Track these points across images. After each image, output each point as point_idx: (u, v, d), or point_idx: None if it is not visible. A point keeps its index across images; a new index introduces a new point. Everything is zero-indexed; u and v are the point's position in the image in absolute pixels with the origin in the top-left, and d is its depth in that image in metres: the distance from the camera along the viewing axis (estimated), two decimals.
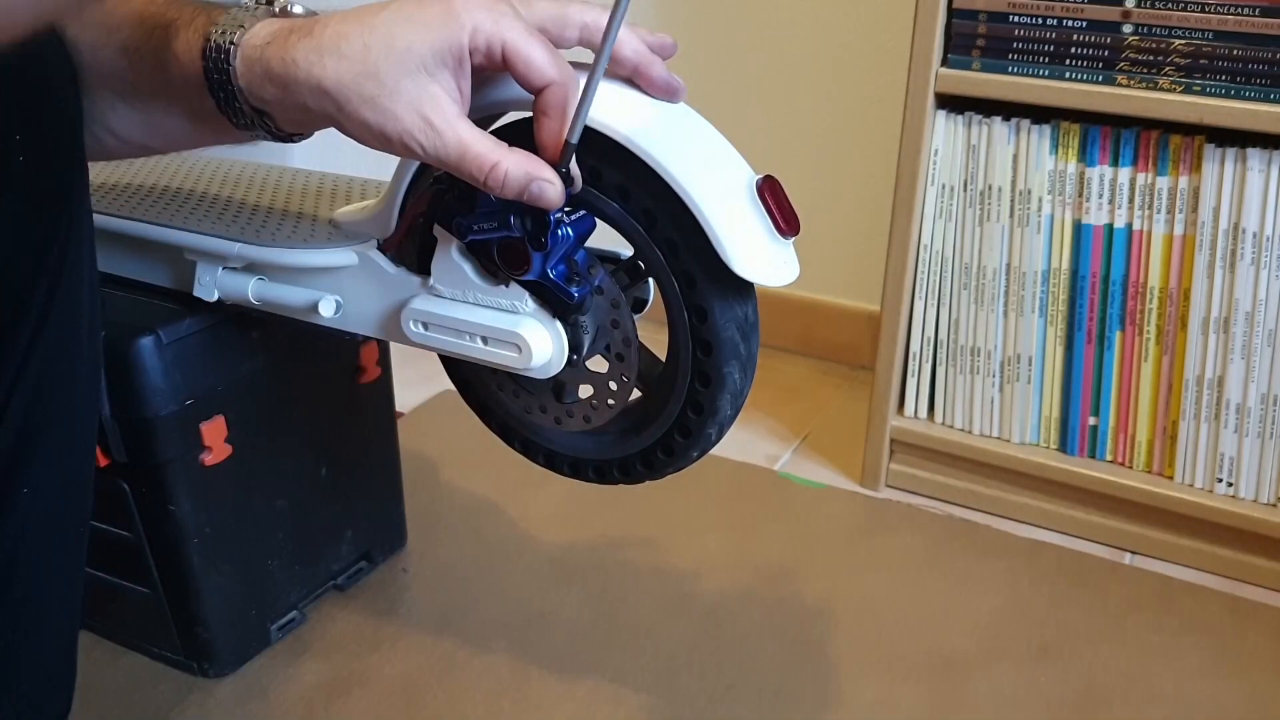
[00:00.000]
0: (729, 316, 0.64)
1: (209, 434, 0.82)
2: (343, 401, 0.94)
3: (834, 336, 1.50)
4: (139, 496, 0.82)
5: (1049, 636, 0.95)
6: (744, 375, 0.67)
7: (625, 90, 0.62)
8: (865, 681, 0.90)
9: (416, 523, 1.06)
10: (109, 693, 0.87)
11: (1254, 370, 1.00)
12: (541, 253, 0.63)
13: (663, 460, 0.71)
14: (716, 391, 0.66)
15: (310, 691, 0.87)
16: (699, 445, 0.69)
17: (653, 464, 0.71)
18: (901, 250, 1.09)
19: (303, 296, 0.74)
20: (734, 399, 0.67)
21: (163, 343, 0.78)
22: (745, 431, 1.30)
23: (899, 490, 1.19)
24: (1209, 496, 1.05)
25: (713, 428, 0.68)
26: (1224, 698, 0.89)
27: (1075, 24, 0.99)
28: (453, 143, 0.56)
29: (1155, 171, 1.00)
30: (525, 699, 0.87)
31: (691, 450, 0.69)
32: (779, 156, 1.45)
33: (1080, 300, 1.06)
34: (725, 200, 0.60)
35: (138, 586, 0.87)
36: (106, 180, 0.87)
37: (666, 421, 0.69)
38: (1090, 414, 1.09)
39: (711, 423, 0.68)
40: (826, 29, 1.39)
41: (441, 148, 0.56)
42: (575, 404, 0.71)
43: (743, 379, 0.67)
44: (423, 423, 1.28)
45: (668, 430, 0.69)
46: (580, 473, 0.75)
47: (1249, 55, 0.94)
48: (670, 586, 1.01)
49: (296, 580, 0.93)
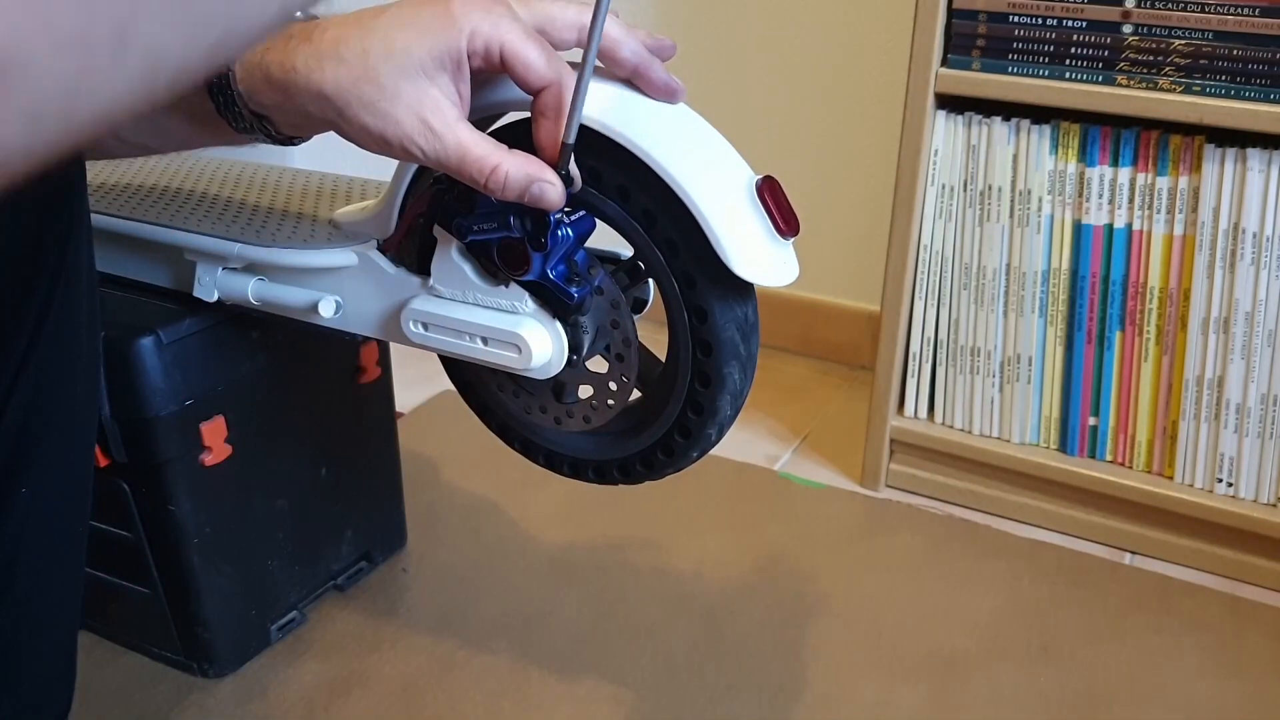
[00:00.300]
0: (729, 317, 0.64)
1: (209, 434, 0.82)
2: (343, 402, 0.94)
3: (834, 336, 1.50)
4: (139, 496, 0.82)
5: (1049, 636, 0.95)
6: (744, 376, 0.67)
7: (625, 91, 0.62)
8: (865, 681, 0.90)
9: (416, 523, 1.07)
10: (109, 693, 0.87)
11: (1254, 370, 1.00)
12: (541, 253, 0.63)
13: (662, 460, 0.71)
14: (716, 392, 0.66)
15: (310, 692, 0.87)
16: (699, 446, 0.69)
17: (652, 464, 0.71)
18: (901, 250, 1.09)
19: (303, 297, 0.74)
20: (734, 400, 0.67)
21: (163, 343, 0.78)
22: (745, 431, 1.30)
23: (899, 490, 1.19)
24: (1209, 496, 1.05)
25: (712, 428, 0.68)
26: (1224, 698, 0.89)
27: (1075, 24, 0.99)
28: (453, 146, 0.56)
29: (1155, 172, 1.00)
30: (525, 699, 0.87)
31: (691, 450, 0.69)
32: (779, 157, 1.45)
33: (1080, 300, 1.06)
34: (725, 201, 0.60)
35: (138, 586, 0.87)
36: (106, 180, 0.87)
37: (666, 422, 0.69)
38: (1090, 414, 1.09)
39: (711, 423, 0.68)
40: (826, 29, 1.39)
41: (442, 151, 0.56)
42: (575, 404, 0.71)
43: (742, 380, 0.67)
44: (423, 423, 1.28)
45: (667, 431, 0.69)
46: (580, 473, 0.76)
47: (1249, 55, 0.94)
48: (670, 586, 1.01)
49: (296, 580, 0.93)
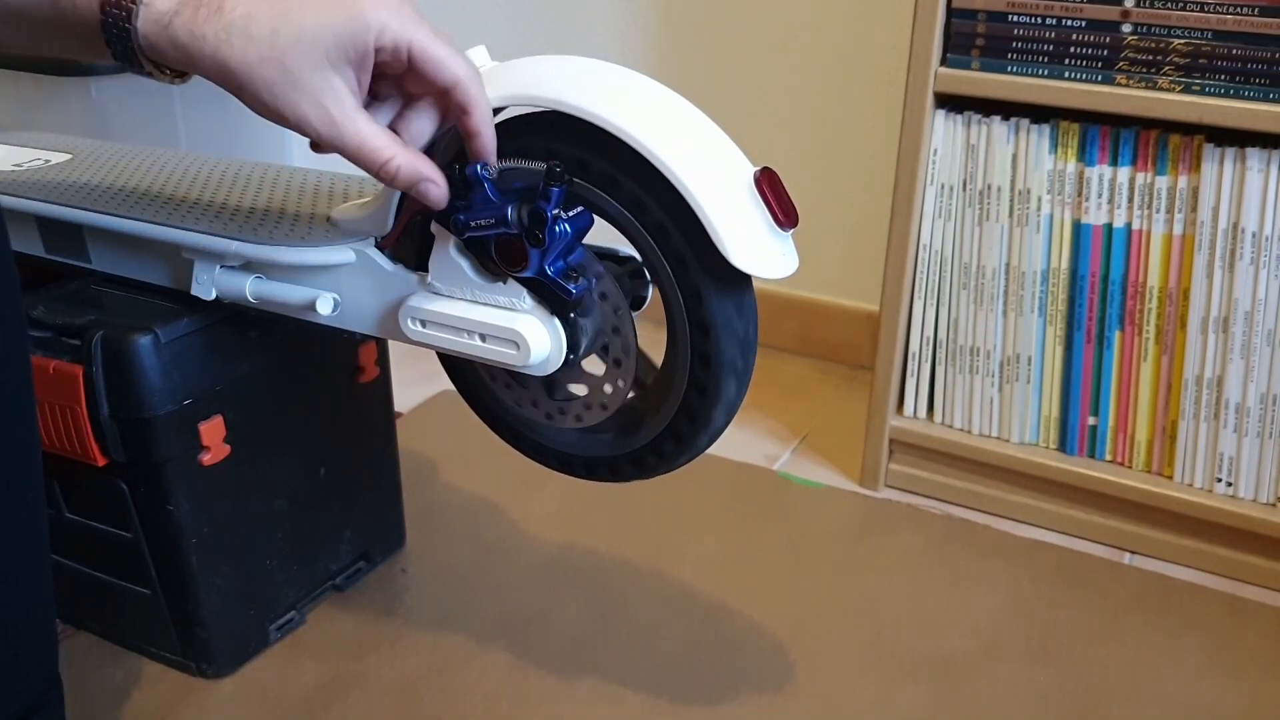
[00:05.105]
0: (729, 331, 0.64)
1: (207, 434, 0.81)
2: (341, 401, 0.94)
3: (834, 336, 1.50)
4: (137, 496, 0.82)
5: (1049, 636, 0.95)
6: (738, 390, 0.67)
7: (625, 91, 0.62)
8: (865, 681, 0.90)
9: (415, 523, 1.06)
10: (109, 693, 0.87)
11: (1253, 370, 1.00)
12: (539, 249, 0.63)
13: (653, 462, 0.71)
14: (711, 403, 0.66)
15: (309, 692, 0.87)
16: (689, 451, 0.70)
17: (644, 464, 0.72)
18: (901, 250, 1.09)
19: (301, 294, 0.74)
20: (728, 411, 0.67)
21: (161, 342, 0.78)
22: (745, 431, 1.30)
23: (898, 490, 1.19)
24: (1208, 496, 1.05)
25: (704, 435, 0.68)
26: (1223, 698, 0.89)
27: (1075, 23, 0.99)
28: (351, 135, 0.59)
29: (1154, 171, 1.00)
30: (524, 699, 0.87)
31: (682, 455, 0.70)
32: (778, 156, 1.45)
33: (1080, 300, 1.06)
34: (724, 193, 0.60)
35: (136, 587, 0.86)
36: (106, 180, 0.87)
37: (660, 424, 0.69)
38: (1090, 414, 1.09)
39: (704, 432, 0.68)
40: (826, 28, 1.39)
41: (339, 139, 0.59)
42: (569, 402, 0.71)
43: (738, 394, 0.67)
44: (422, 423, 1.28)
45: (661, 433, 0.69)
46: (569, 467, 0.76)
47: (1248, 55, 0.94)
48: (670, 586, 1.01)
49: (295, 580, 0.93)
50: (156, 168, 0.91)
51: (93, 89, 1.33)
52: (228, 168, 0.92)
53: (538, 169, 0.62)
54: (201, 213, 0.79)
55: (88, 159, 0.94)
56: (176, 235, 0.77)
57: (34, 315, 0.81)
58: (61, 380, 0.78)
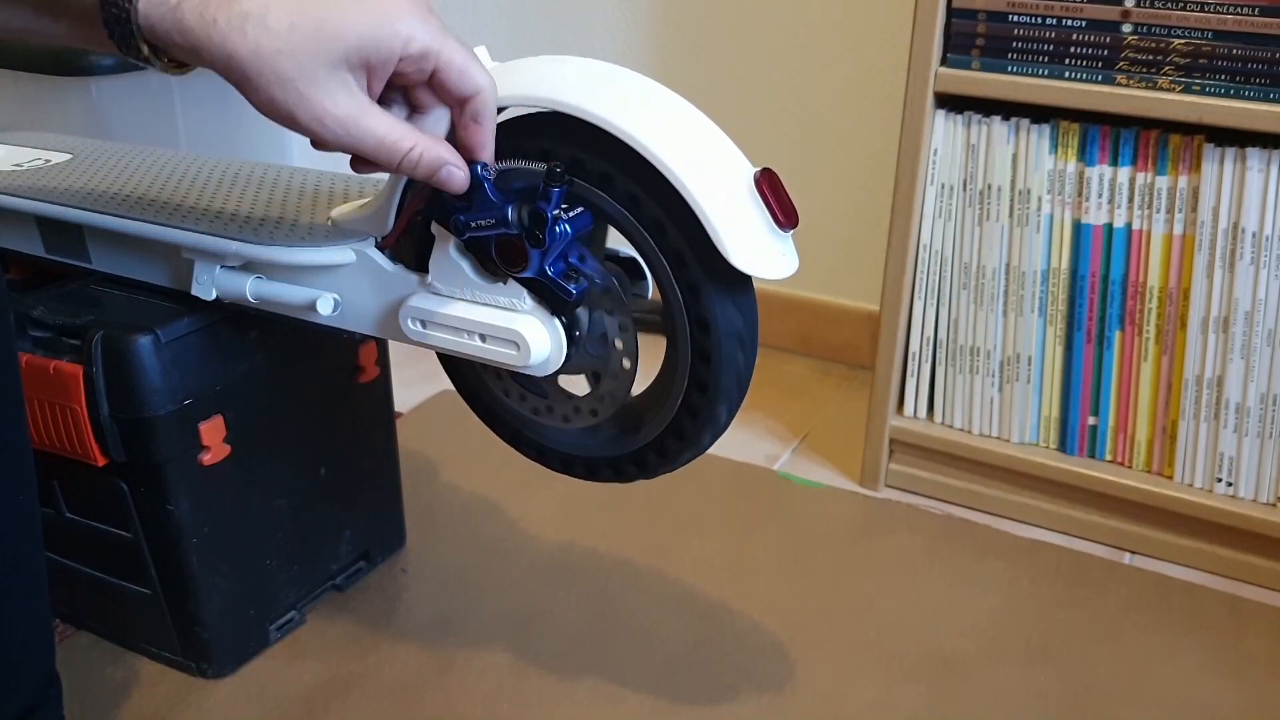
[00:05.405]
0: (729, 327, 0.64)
1: (207, 434, 0.82)
2: (342, 401, 0.94)
3: (833, 336, 1.50)
4: (137, 496, 0.82)
5: (1048, 636, 0.95)
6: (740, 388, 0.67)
7: (626, 92, 0.62)
8: (865, 681, 0.90)
9: (415, 523, 1.06)
10: (109, 693, 0.87)
11: (1253, 370, 1.00)
12: (539, 250, 0.63)
13: (655, 461, 0.71)
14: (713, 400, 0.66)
15: (309, 692, 0.87)
16: (692, 449, 0.69)
17: (646, 464, 0.72)
18: (901, 250, 1.09)
19: (301, 295, 0.74)
20: (730, 407, 0.67)
21: (161, 342, 0.78)
22: (745, 431, 1.30)
23: (898, 490, 1.19)
24: (1208, 496, 1.05)
25: (707, 432, 0.68)
26: (1223, 698, 0.89)
27: (1075, 23, 0.99)
28: (369, 130, 0.57)
29: (1155, 171, 1.00)
30: (524, 699, 0.87)
31: (685, 453, 0.70)
32: (778, 156, 1.45)
33: (1080, 300, 1.06)
34: (724, 194, 0.60)
35: (136, 587, 0.86)
36: (106, 180, 0.87)
37: (662, 423, 0.69)
38: (1090, 414, 1.09)
39: (707, 429, 0.68)
40: (826, 28, 1.39)
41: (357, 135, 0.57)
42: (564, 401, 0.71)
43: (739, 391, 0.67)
44: (422, 423, 1.28)
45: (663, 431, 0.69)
46: (570, 468, 0.76)
47: (1248, 55, 0.94)
48: (670, 586, 1.01)
49: (295, 580, 0.93)
50: (157, 168, 0.91)
51: (93, 89, 1.33)
52: (228, 168, 0.92)
53: (538, 169, 0.62)
54: (202, 213, 0.80)
55: (88, 159, 0.94)
56: (176, 235, 0.77)
57: (34, 315, 0.81)
58: (62, 380, 0.78)
